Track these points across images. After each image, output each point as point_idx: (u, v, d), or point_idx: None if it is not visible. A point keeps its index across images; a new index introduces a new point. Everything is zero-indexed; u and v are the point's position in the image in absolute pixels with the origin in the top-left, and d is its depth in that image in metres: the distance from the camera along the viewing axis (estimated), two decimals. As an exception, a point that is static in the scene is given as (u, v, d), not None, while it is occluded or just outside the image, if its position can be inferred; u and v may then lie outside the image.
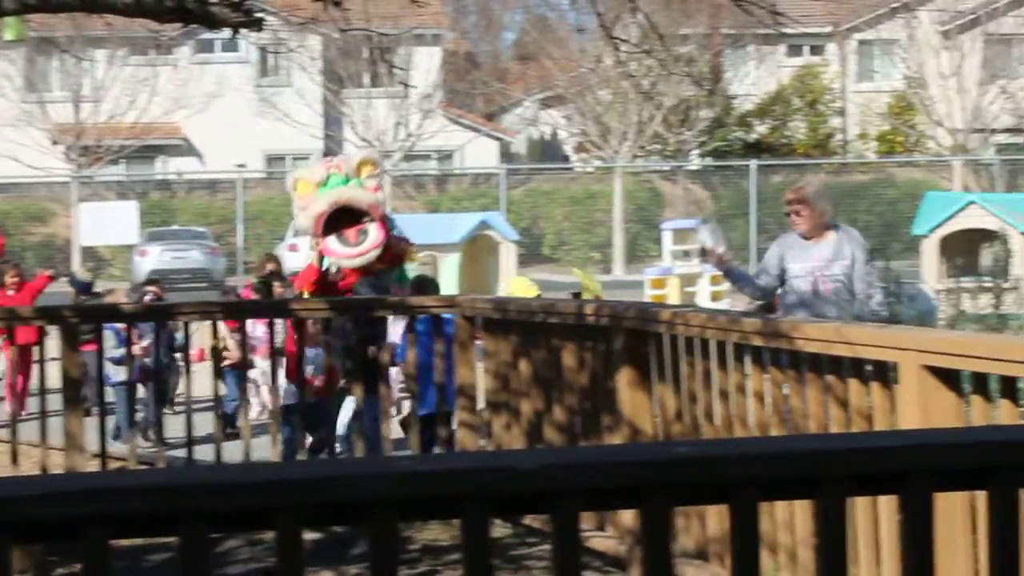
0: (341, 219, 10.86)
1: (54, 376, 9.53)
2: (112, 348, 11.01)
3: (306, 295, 11.15)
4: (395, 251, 11.37)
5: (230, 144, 44.02)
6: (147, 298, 13.43)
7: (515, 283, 16.69)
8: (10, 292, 14.23)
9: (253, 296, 13.17)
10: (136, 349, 11.35)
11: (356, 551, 8.07)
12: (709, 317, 6.80)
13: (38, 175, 37.80)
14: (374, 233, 10.91)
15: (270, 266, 14.62)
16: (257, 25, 7.88)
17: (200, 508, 2.76)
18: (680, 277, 19.49)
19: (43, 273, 15.97)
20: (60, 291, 17.47)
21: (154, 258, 34.06)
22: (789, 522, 6.14)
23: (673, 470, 2.92)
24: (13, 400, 11.08)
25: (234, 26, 7.67)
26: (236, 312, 10.60)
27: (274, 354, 9.89)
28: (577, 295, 17.12)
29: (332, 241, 10.85)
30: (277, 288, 13.34)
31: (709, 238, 9.62)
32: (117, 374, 11.49)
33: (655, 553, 2.91)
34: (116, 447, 10.50)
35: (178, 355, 12.20)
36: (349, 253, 10.86)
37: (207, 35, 44.21)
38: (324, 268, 11.12)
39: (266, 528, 2.84)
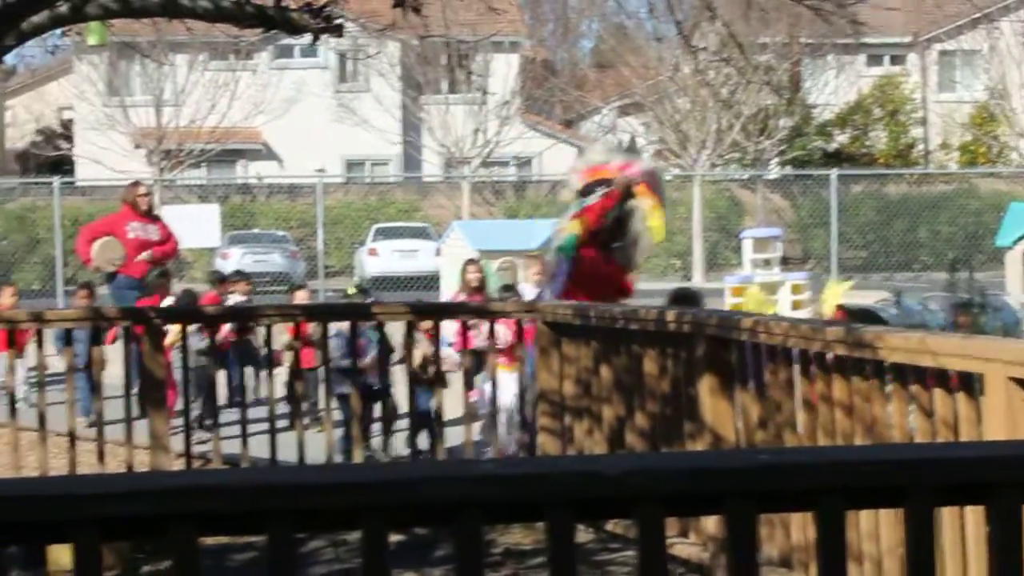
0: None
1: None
2: (340, 358, 10.74)
3: (576, 230, 10.49)
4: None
5: (309, 149, 44.27)
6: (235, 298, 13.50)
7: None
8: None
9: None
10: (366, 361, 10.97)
11: (438, 554, 8.10)
12: (791, 325, 6.77)
13: (121, 178, 38.08)
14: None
15: (474, 273, 13.73)
16: (337, 31, 7.92)
17: (286, 507, 2.78)
18: (760, 285, 19.36)
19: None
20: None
21: (235, 261, 34.16)
22: (874, 532, 6.10)
23: (757, 477, 2.91)
24: None
25: (314, 32, 7.71)
26: (316, 314, 10.65)
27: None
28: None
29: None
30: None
31: None
32: (343, 385, 10.91)
33: (740, 560, 2.90)
34: (201, 447, 10.56)
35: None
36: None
37: (286, 41, 44.42)
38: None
39: (352, 528, 2.86)
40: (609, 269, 10.29)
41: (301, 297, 15.22)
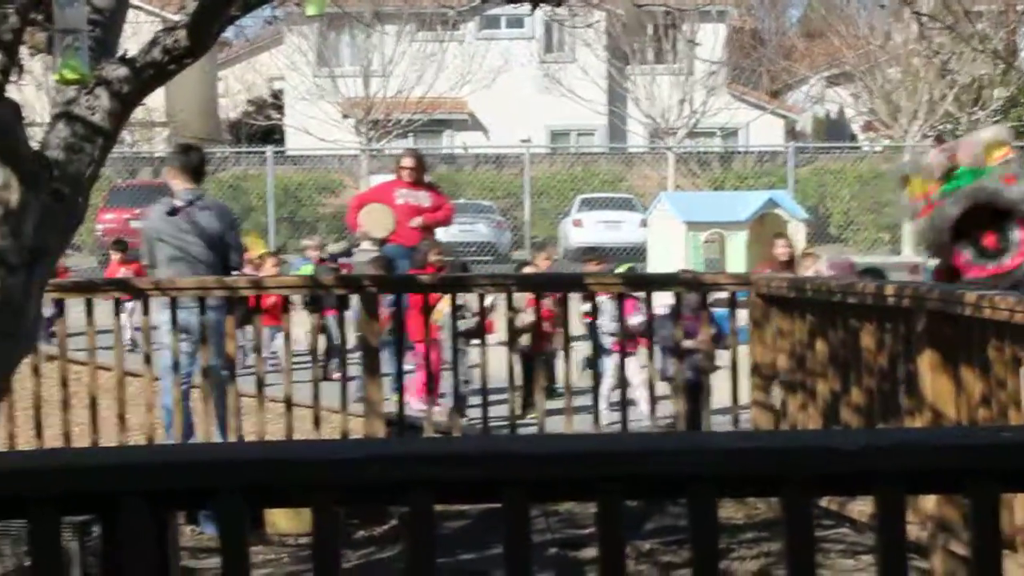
0: (972, 220, 8.16)
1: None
2: (668, 337, 10.32)
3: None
4: None
5: (515, 119, 44.45)
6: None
7: None
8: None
9: None
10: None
11: (649, 526, 8.08)
12: (1018, 300, 6.58)
13: (329, 148, 38.73)
14: (1017, 238, 8.11)
15: (783, 248, 13.07)
16: (556, 0, 7.89)
17: (524, 476, 2.78)
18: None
19: None
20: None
21: (441, 230, 34.50)
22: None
23: (1000, 455, 2.83)
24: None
25: (534, 1, 7.69)
26: (529, 285, 10.68)
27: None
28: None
29: (965, 251, 8.16)
30: None
31: None
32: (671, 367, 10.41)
33: (982, 543, 2.82)
34: (411, 414, 10.65)
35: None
36: (987, 269, 8.09)
37: (493, 11, 44.68)
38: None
39: (588, 498, 2.85)
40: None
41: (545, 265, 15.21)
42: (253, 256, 15.40)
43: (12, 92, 5.32)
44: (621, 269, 14.80)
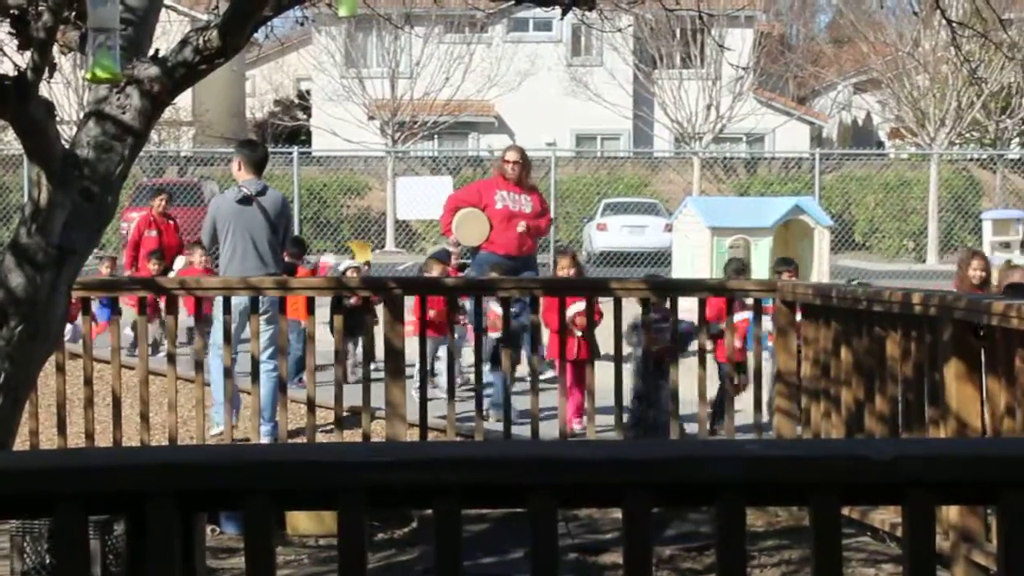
0: None
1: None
2: None
3: None
4: None
5: (541, 122, 44.44)
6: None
7: None
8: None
9: None
10: None
11: (669, 532, 8.06)
12: (1046, 311, 6.54)
13: (355, 149, 38.78)
14: None
15: (978, 271, 12.48)
16: (589, 4, 7.89)
17: (552, 481, 2.77)
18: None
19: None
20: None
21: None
22: None
23: (1031, 467, 2.81)
24: None
25: (566, 5, 7.69)
26: (554, 289, 10.66)
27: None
28: None
29: None
30: None
31: None
32: None
33: (1011, 553, 2.81)
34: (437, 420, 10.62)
35: None
36: None
37: (521, 14, 44.68)
38: None
39: (615, 505, 2.84)
40: None
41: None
42: (359, 262, 15.36)
43: (42, 90, 5.33)
44: None
